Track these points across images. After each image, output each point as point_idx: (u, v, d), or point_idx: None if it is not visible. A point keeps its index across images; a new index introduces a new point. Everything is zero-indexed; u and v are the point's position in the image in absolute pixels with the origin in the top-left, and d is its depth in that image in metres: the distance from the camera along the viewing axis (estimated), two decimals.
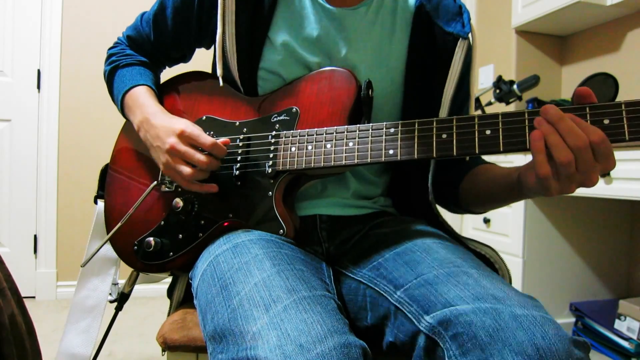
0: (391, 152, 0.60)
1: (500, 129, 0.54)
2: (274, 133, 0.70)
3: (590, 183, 0.51)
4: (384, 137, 0.61)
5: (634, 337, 1.59)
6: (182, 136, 0.68)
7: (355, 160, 0.63)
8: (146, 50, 0.87)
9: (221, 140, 0.70)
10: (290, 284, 0.54)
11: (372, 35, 0.75)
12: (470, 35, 0.74)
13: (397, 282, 0.60)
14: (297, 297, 0.52)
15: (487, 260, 0.75)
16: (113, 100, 0.86)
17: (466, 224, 2.14)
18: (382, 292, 0.61)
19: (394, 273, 0.61)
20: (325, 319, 0.49)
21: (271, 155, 0.69)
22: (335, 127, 0.65)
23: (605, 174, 1.42)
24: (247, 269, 0.57)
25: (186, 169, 0.68)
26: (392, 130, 0.61)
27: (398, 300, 0.58)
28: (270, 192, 0.69)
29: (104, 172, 0.88)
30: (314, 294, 0.54)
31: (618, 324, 1.67)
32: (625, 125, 0.48)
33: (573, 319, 1.86)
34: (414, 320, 0.54)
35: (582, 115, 0.50)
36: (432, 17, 0.74)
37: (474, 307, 0.49)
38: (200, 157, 0.67)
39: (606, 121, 0.49)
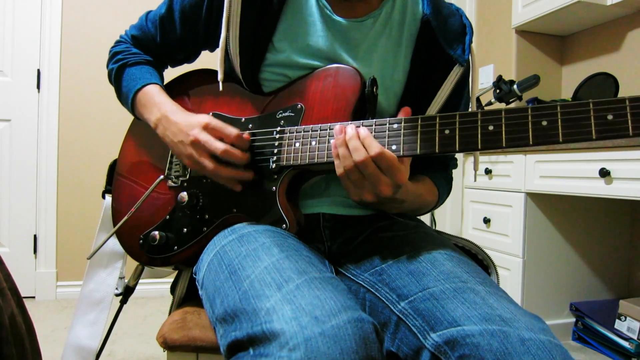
0: (394, 147, 0.60)
1: (503, 125, 0.54)
2: (278, 129, 0.71)
3: (381, 193, 0.60)
4: (387, 132, 0.61)
5: (634, 337, 1.59)
6: (207, 128, 0.68)
7: None
8: (151, 51, 0.87)
9: (245, 134, 0.70)
10: (300, 267, 0.54)
11: (379, 47, 0.75)
12: (470, 57, 0.75)
13: (401, 291, 0.59)
14: (308, 278, 0.52)
15: (473, 255, 0.76)
16: (120, 98, 0.86)
17: (466, 224, 2.14)
18: (383, 299, 0.61)
19: (397, 281, 0.61)
20: (337, 296, 0.50)
21: (275, 150, 0.69)
22: (338, 123, 0.65)
23: (607, 173, 1.42)
24: (256, 255, 0.57)
25: (210, 164, 0.68)
26: (395, 126, 0.61)
27: (401, 311, 0.58)
28: (273, 187, 0.69)
29: (112, 168, 0.89)
30: (324, 275, 0.54)
31: (618, 324, 1.67)
32: (629, 121, 0.48)
33: (573, 319, 1.86)
34: (419, 335, 0.54)
35: (585, 110, 0.50)
36: (437, 34, 0.74)
37: (482, 329, 0.49)
38: (218, 145, 0.67)
39: (610, 117, 0.49)
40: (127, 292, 0.91)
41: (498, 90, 1.95)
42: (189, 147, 0.69)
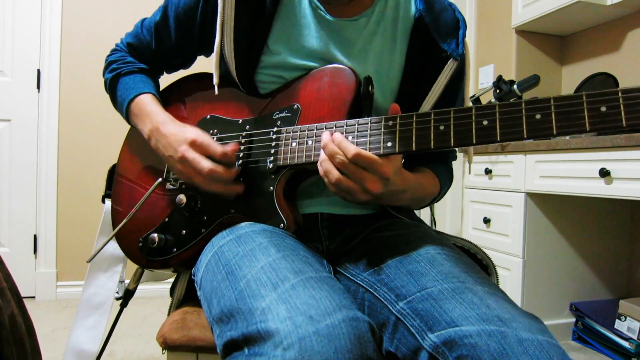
0: (389, 144, 0.61)
1: (497, 119, 0.54)
2: (275, 129, 0.71)
3: (372, 189, 0.60)
4: (382, 130, 0.61)
5: (634, 337, 1.59)
6: (194, 145, 0.69)
7: None
8: (147, 58, 0.87)
9: (229, 147, 0.70)
10: (296, 266, 0.55)
11: (373, 45, 0.76)
12: (464, 51, 0.75)
13: (399, 291, 0.59)
14: (304, 277, 0.52)
15: (473, 255, 0.77)
16: (116, 107, 0.86)
17: (466, 224, 2.14)
18: (381, 299, 0.61)
19: (396, 281, 0.61)
20: (333, 296, 0.50)
21: (272, 151, 0.70)
22: (334, 122, 0.66)
23: (607, 173, 1.42)
24: (253, 255, 0.58)
25: (198, 180, 0.69)
26: (390, 123, 0.61)
27: (400, 311, 0.57)
28: (271, 187, 0.69)
29: (112, 172, 0.89)
30: (320, 275, 0.54)
31: (618, 324, 1.67)
32: (622, 112, 0.48)
33: (573, 319, 1.86)
34: (417, 335, 0.54)
35: (578, 103, 0.50)
36: (431, 30, 0.75)
37: (479, 329, 0.49)
38: (204, 165, 0.67)
39: (603, 109, 0.48)
40: (127, 296, 0.91)
41: (498, 90, 1.95)
42: (177, 163, 0.70)
